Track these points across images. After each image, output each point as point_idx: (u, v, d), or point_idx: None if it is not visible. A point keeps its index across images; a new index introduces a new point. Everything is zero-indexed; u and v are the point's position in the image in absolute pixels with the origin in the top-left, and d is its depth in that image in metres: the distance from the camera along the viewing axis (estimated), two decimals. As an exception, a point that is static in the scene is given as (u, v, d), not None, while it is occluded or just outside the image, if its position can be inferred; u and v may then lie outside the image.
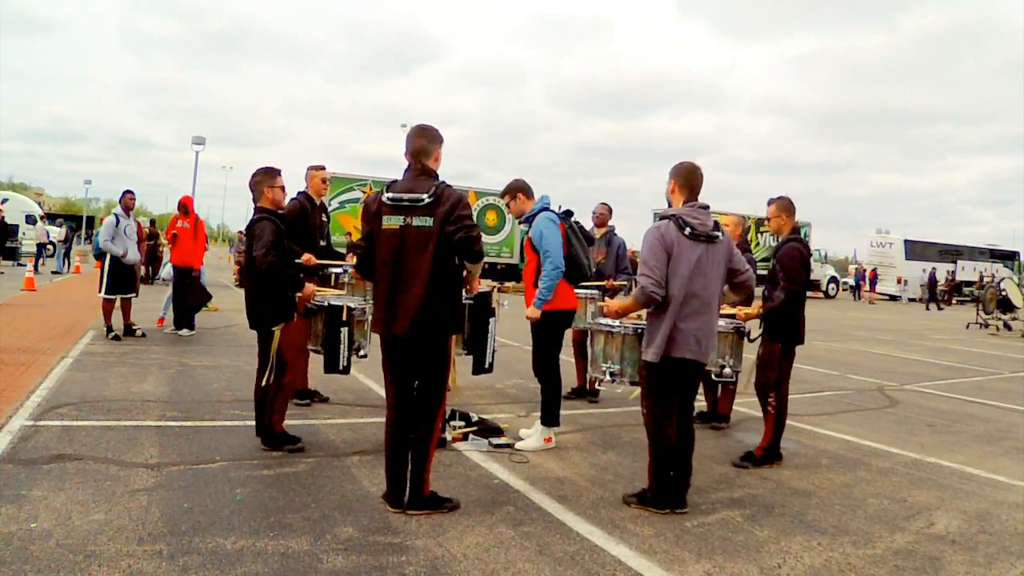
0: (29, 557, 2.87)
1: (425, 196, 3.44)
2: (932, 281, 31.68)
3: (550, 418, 4.93)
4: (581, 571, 3.07)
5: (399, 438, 3.65)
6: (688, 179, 3.87)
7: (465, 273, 3.79)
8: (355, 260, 3.87)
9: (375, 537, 3.29)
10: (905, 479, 4.71)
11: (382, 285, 3.58)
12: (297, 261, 5.10)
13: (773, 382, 4.76)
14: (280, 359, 4.48)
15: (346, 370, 4.99)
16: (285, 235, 4.50)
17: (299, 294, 4.57)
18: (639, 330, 4.22)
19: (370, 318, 5.18)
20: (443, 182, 3.55)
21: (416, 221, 3.45)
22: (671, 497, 3.81)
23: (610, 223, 6.91)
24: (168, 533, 3.19)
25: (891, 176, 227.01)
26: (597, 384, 4.92)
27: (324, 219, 6.01)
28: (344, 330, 4.88)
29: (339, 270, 5.92)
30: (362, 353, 5.09)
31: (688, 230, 3.71)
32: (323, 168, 5.90)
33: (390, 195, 3.53)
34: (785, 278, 4.61)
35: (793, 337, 4.74)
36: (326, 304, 4.94)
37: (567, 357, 6.79)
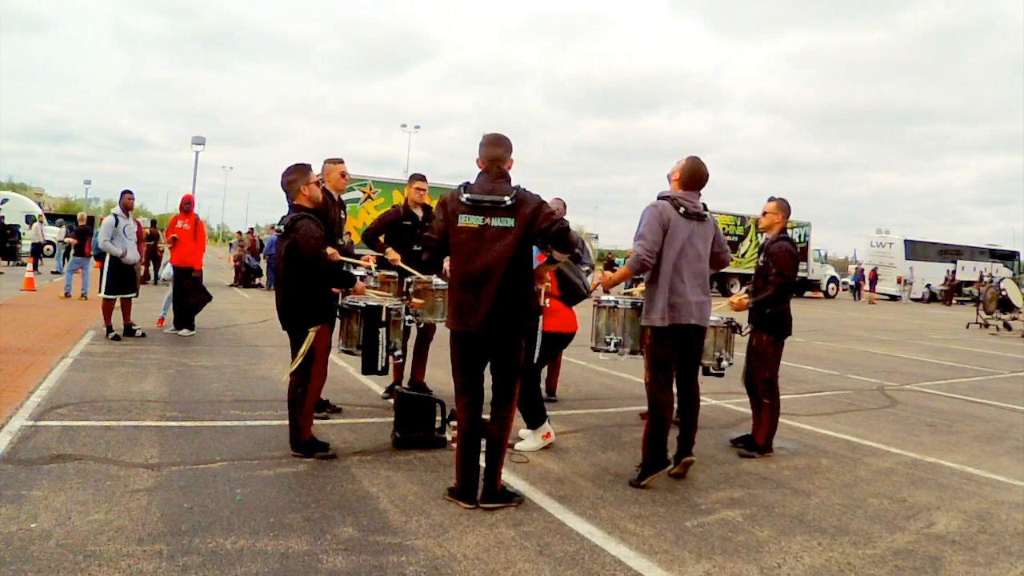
0: (29, 557, 2.87)
1: (507, 199, 3.62)
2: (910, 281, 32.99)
3: (534, 420, 4.92)
4: (581, 571, 3.07)
5: (472, 435, 3.81)
6: (692, 175, 4.38)
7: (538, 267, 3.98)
8: (425, 256, 3.93)
9: (375, 537, 3.29)
10: (905, 479, 4.71)
11: (456, 281, 3.71)
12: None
13: (767, 374, 5.05)
14: (312, 360, 4.42)
15: (384, 371, 4.99)
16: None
17: (352, 289, 4.64)
18: (638, 304, 4.68)
19: (405, 319, 5.20)
20: (520, 186, 3.71)
21: (496, 221, 3.62)
22: (664, 459, 4.24)
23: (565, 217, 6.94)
24: (168, 533, 3.19)
25: (890, 176, 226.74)
26: (601, 355, 5.01)
27: (342, 215, 5.77)
28: (382, 331, 4.84)
29: (362, 272, 5.73)
30: (397, 354, 5.05)
31: (682, 209, 4.25)
32: (341, 161, 5.62)
33: (468, 196, 3.65)
34: (777, 272, 4.94)
35: (783, 330, 5.07)
36: (362, 305, 4.90)
37: (576, 359, 6.83)
